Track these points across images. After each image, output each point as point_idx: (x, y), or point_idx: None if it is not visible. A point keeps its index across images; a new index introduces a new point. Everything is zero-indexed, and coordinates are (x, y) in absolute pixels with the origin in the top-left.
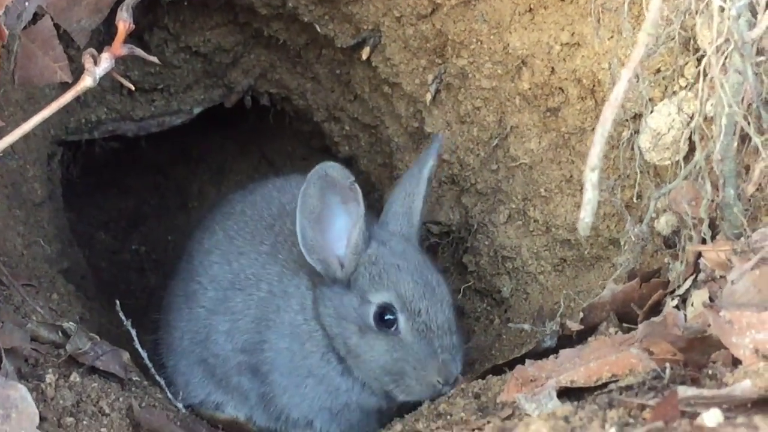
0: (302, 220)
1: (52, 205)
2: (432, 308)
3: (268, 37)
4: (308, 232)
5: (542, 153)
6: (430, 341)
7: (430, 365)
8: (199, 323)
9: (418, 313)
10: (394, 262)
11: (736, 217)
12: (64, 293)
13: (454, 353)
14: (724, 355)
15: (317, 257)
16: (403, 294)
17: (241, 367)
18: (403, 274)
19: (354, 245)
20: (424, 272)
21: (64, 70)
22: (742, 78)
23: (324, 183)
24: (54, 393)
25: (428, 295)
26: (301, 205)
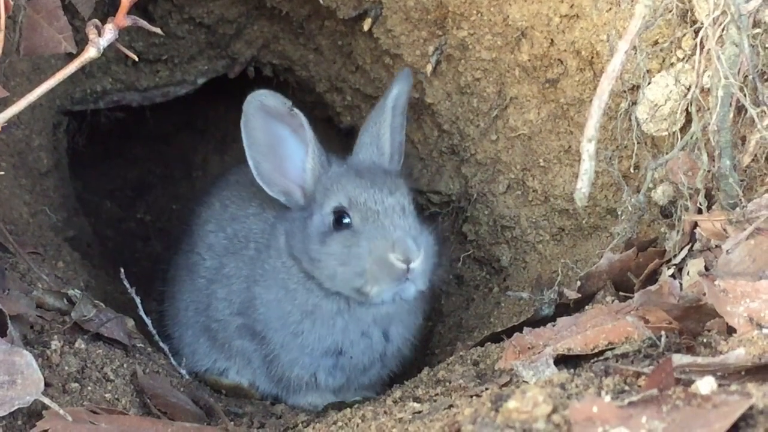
0: (252, 154)
1: (58, 174)
2: (378, 195)
3: (271, 8)
4: (263, 165)
5: (541, 124)
6: (380, 225)
7: (382, 245)
8: (201, 293)
9: (364, 203)
10: (345, 173)
11: (732, 188)
12: (70, 261)
13: (410, 232)
14: (718, 324)
15: (278, 189)
16: (350, 192)
17: (240, 331)
18: (351, 178)
19: (312, 170)
20: (376, 176)
21: (68, 41)
22: (738, 50)
23: (263, 114)
24: (59, 359)
25: (375, 187)
26: (247, 140)
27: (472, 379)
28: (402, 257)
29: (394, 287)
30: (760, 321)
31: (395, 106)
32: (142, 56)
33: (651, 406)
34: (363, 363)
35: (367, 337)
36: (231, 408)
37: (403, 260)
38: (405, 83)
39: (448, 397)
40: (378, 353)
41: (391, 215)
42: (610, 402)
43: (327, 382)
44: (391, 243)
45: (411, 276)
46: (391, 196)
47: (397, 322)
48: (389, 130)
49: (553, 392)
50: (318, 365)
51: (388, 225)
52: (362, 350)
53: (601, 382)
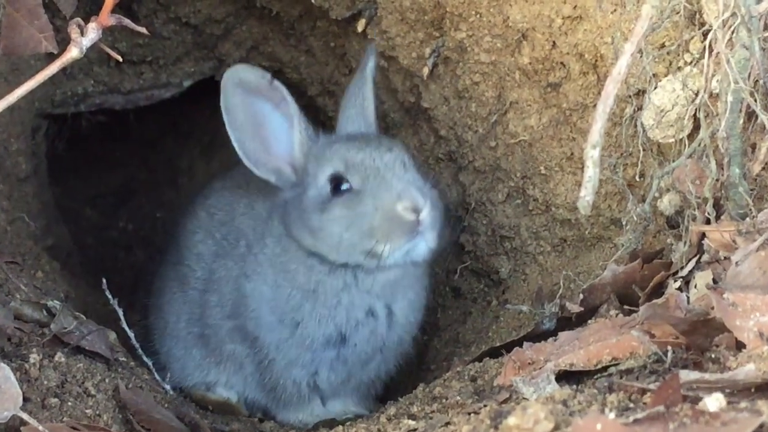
0: (236, 134)
1: (37, 180)
2: (376, 153)
3: (261, 8)
4: (248, 145)
5: (542, 130)
6: (382, 180)
7: (388, 197)
8: (194, 304)
9: (362, 163)
10: (335, 141)
11: (741, 197)
12: (49, 271)
13: (413, 182)
14: (727, 339)
15: (266, 168)
16: (345, 155)
17: (232, 334)
18: (343, 143)
19: (299, 143)
20: (369, 138)
21: (49, 41)
22: (748, 53)
23: (242, 90)
24: (38, 373)
25: (371, 146)
26: (228, 120)
27: (470, 395)
28: (410, 206)
29: (405, 242)
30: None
31: (374, 78)
32: (126, 57)
33: (657, 424)
34: (366, 352)
35: (371, 317)
36: (217, 425)
37: (412, 209)
38: (374, 56)
39: (445, 415)
40: (381, 338)
41: (392, 169)
42: (614, 419)
43: (329, 379)
44: (397, 194)
45: (422, 228)
46: (390, 152)
47: (402, 296)
48: (372, 100)
49: (555, 409)
50: (319, 361)
51: (391, 179)
52: (366, 336)
53: (605, 398)
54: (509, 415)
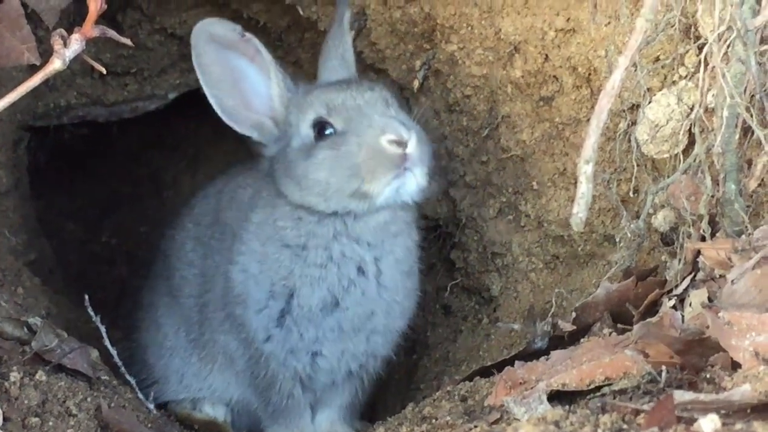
0: (212, 91)
1: (19, 193)
2: (356, 92)
3: (248, 19)
4: (226, 102)
5: (535, 144)
6: (365, 117)
7: (371, 133)
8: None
9: (343, 104)
10: (315, 87)
11: (737, 214)
12: (30, 287)
13: (397, 116)
14: (722, 358)
15: (247, 125)
16: (326, 99)
17: (223, 324)
18: (323, 89)
19: (279, 96)
20: (350, 81)
21: (31, 52)
22: (744, 68)
23: (214, 46)
24: (18, 392)
25: (352, 87)
26: (202, 76)
27: (460, 416)
28: (395, 138)
29: (393, 177)
30: (766, 356)
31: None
32: (110, 69)
33: None
34: (358, 315)
35: (362, 276)
36: None
37: (397, 142)
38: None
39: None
40: (372, 300)
41: (374, 106)
42: None
43: (330, 352)
44: (381, 128)
45: (409, 163)
46: (371, 90)
47: (390, 248)
48: (351, 50)
49: (547, 430)
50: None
51: (373, 114)
52: (358, 299)
53: (598, 419)
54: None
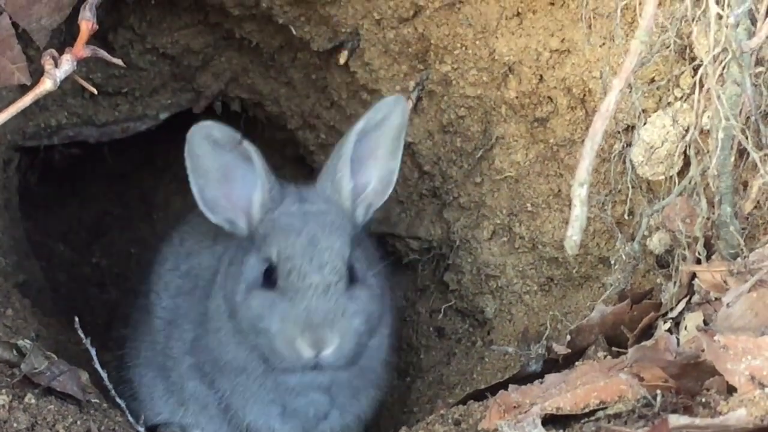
0: (197, 180)
1: (8, 214)
2: (309, 267)
3: (240, 39)
4: (208, 192)
5: (529, 166)
6: (300, 299)
7: (293, 326)
8: (159, 334)
9: (289, 273)
10: (289, 221)
11: (733, 236)
12: (20, 308)
13: (330, 318)
14: (718, 382)
15: (222, 216)
16: (282, 252)
17: (190, 371)
18: (290, 234)
19: (260, 203)
20: (316, 235)
21: (22, 72)
22: (740, 89)
23: (211, 142)
24: (7, 415)
25: (308, 256)
26: (191, 164)
27: None
28: (311, 345)
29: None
30: (762, 380)
31: (362, 138)
32: (101, 89)
33: None
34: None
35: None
36: None
37: (313, 348)
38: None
39: None
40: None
41: (313, 295)
42: None
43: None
44: (301, 328)
45: (322, 362)
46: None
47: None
48: (349, 166)
49: None
50: (268, 414)
51: (311, 296)
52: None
53: None
54: None
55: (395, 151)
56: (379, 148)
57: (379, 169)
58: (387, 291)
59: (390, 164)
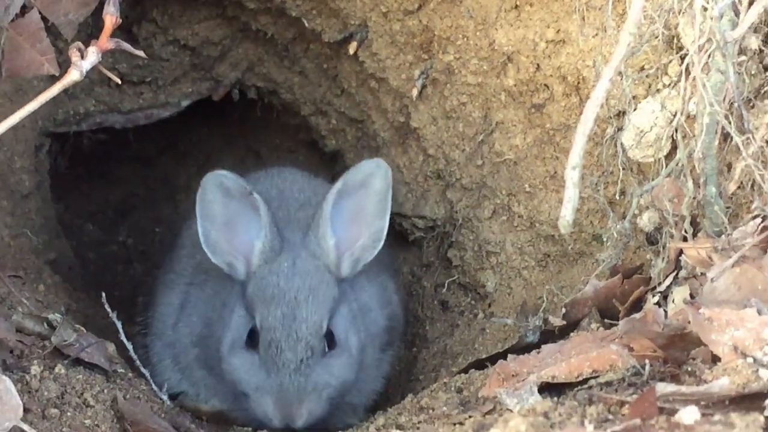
0: (204, 223)
1: (40, 196)
2: (285, 344)
3: (256, 31)
4: (212, 235)
5: (527, 149)
6: (276, 376)
7: (267, 397)
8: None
9: (269, 345)
10: (275, 283)
11: (717, 215)
12: (51, 284)
13: (301, 395)
14: (703, 352)
15: (222, 259)
16: (264, 321)
17: (197, 362)
18: (273, 303)
19: (261, 252)
20: (298, 307)
21: (51, 63)
22: (724, 77)
23: (222, 190)
24: (39, 385)
25: (285, 332)
26: (201, 210)
27: (456, 406)
28: (280, 419)
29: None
30: (744, 350)
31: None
32: (126, 78)
33: None
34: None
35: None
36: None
37: (282, 422)
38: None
39: (432, 425)
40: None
41: (286, 373)
42: (593, 431)
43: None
44: (272, 403)
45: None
46: (290, 350)
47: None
48: (329, 223)
49: (536, 421)
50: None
51: (281, 382)
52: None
53: (585, 410)
54: (491, 427)
55: (382, 211)
56: (366, 208)
57: (368, 228)
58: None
59: (378, 223)
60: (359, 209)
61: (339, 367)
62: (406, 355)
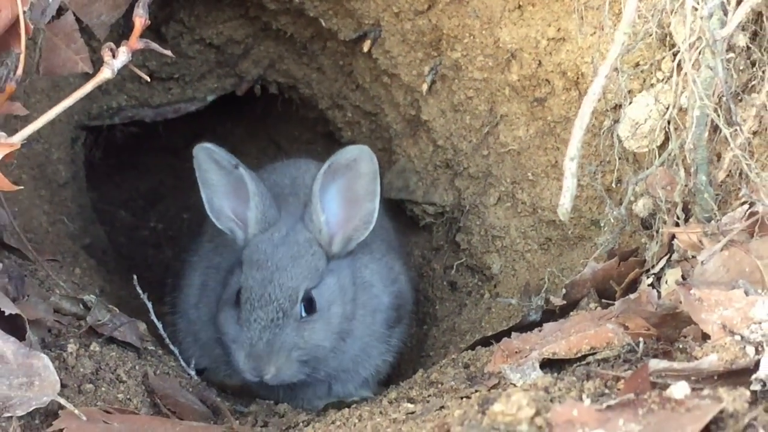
0: (206, 190)
1: (76, 185)
2: (259, 303)
3: (277, 30)
4: (214, 201)
5: (530, 140)
6: (249, 328)
7: (240, 350)
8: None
9: (245, 302)
10: (262, 250)
11: (707, 202)
12: (86, 268)
13: (268, 352)
14: (694, 331)
15: (225, 225)
16: (245, 282)
17: (214, 342)
18: (253, 266)
19: (255, 222)
20: (277, 272)
21: (84, 62)
22: (713, 73)
23: (215, 162)
24: (75, 362)
25: (260, 292)
26: (200, 178)
27: (463, 381)
28: (251, 371)
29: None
30: (732, 328)
31: (334, 179)
32: (155, 75)
33: (628, 410)
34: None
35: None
36: (237, 407)
37: (252, 374)
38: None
39: (440, 399)
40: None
41: (257, 329)
42: (589, 406)
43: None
44: (245, 355)
45: (266, 380)
46: (262, 310)
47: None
48: (319, 201)
49: (537, 395)
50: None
51: (251, 337)
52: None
53: (583, 385)
54: (495, 401)
55: (372, 194)
56: (356, 191)
57: (359, 209)
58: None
59: (368, 205)
60: (349, 191)
61: (312, 332)
62: (417, 333)
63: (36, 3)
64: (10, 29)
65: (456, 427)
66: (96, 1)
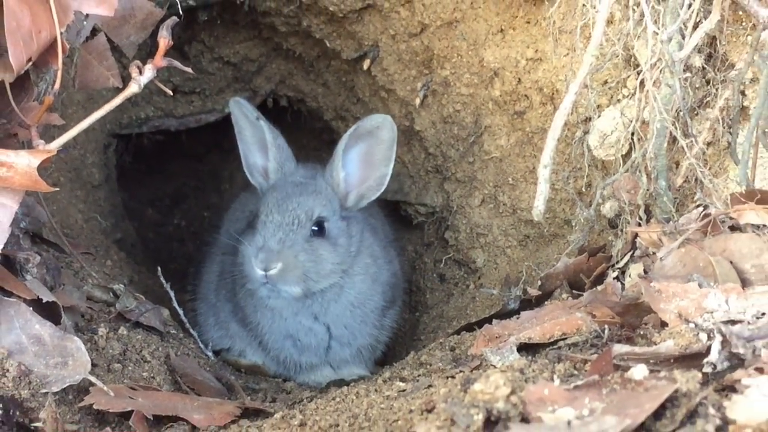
0: (242, 146)
1: (108, 186)
2: (274, 212)
3: (287, 50)
4: (249, 157)
5: (510, 148)
6: (260, 233)
7: (253, 249)
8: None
9: (262, 214)
10: (282, 185)
11: (666, 205)
12: (117, 260)
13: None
14: (653, 319)
15: (254, 177)
16: (264, 204)
17: (231, 315)
18: (274, 192)
19: (274, 171)
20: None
21: (115, 77)
22: (672, 90)
23: (244, 115)
24: (105, 344)
25: (278, 205)
26: (237, 133)
27: (449, 362)
28: (260, 264)
29: (259, 285)
30: (687, 317)
31: (357, 141)
32: (179, 89)
33: (593, 390)
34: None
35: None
36: (249, 384)
37: (260, 266)
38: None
39: (429, 378)
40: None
41: (272, 229)
42: (559, 386)
43: (300, 362)
44: (257, 250)
45: (270, 281)
46: (279, 214)
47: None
48: (341, 159)
49: (513, 376)
50: (287, 346)
51: (265, 235)
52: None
53: (554, 367)
54: (476, 381)
55: (388, 160)
56: (374, 154)
57: (375, 171)
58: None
59: (383, 169)
60: (368, 154)
61: (318, 249)
62: (410, 319)
63: (72, 25)
64: (49, 48)
65: (441, 404)
66: (126, 23)
